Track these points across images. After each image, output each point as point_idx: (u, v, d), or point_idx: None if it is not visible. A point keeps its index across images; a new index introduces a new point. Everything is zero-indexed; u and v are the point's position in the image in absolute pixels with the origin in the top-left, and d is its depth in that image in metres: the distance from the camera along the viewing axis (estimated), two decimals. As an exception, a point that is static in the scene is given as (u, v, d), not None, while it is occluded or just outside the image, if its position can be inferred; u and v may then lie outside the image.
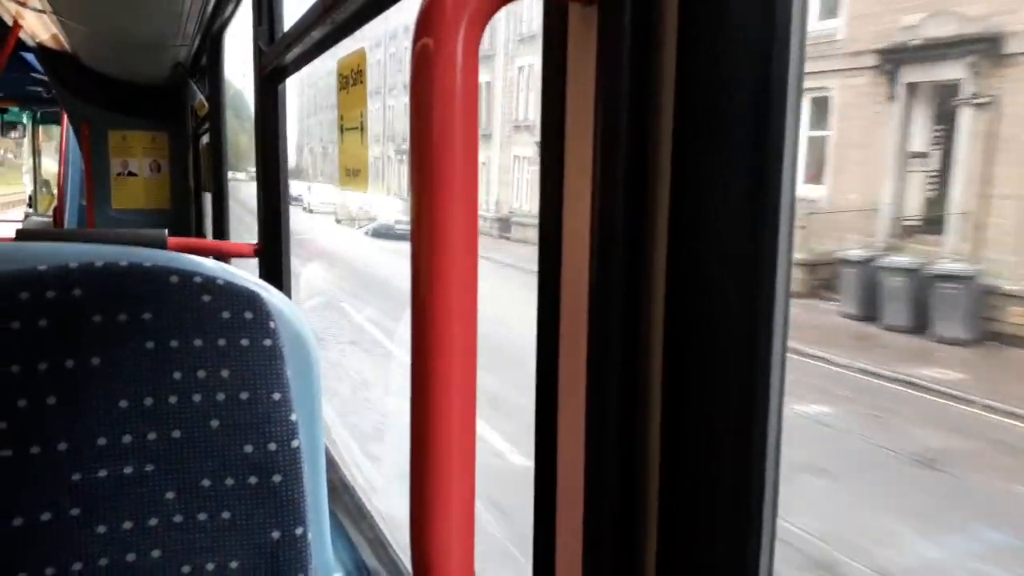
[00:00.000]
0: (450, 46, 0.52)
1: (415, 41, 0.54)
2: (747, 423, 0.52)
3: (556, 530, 0.66)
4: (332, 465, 1.68)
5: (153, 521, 1.07)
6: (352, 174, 1.49)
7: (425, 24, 0.53)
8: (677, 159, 0.53)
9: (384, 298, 14.28)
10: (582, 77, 0.61)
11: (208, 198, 3.72)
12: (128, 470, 1.06)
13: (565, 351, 0.65)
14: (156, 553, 1.07)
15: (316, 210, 29.14)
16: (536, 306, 0.68)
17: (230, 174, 3.39)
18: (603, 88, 0.57)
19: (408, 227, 0.56)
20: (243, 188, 5.72)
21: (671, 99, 0.53)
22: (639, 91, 0.55)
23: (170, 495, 1.08)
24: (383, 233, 23.27)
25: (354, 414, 8.46)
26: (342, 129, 1.52)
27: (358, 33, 1.40)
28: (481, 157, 0.58)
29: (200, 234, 4.31)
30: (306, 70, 1.88)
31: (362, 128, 1.44)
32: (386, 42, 31.23)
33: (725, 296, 0.52)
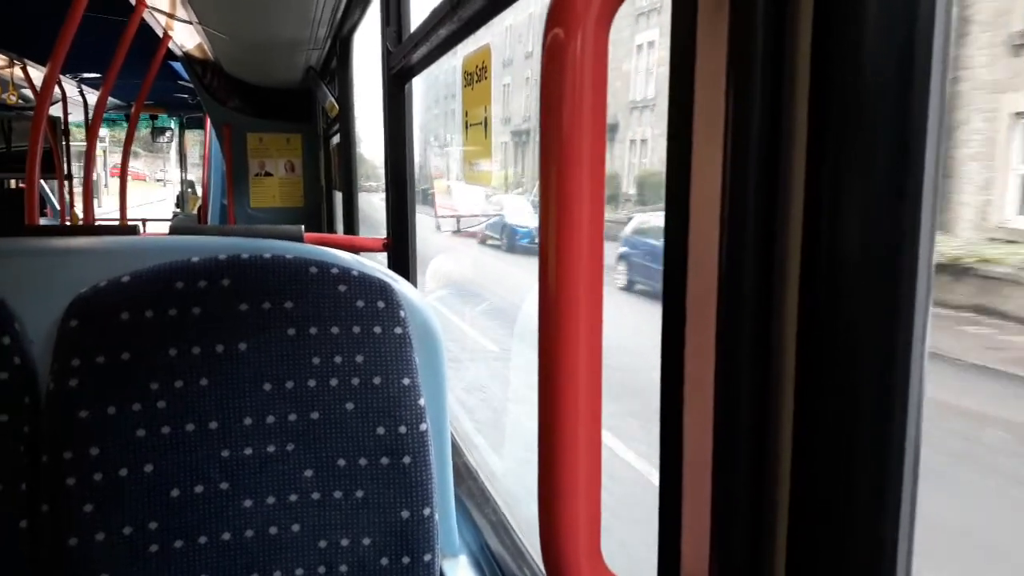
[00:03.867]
0: (581, 35, 0.53)
1: (546, 31, 0.55)
2: (885, 433, 0.51)
3: (682, 535, 0.65)
4: (456, 450, 1.73)
5: (293, 497, 1.13)
6: (476, 167, 1.53)
7: (556, 13, 0.54)
8: (812, 151, 0.51)
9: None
10: (711, 67, 0.59)
11: (339, 196, 3.88)
12: (271, 448, 1.13)
13: (691, 351, 0.63)
14: (296, 528, 1.13)
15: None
16: (661, 304, 0.67)
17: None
18: (734, 73, 0.56)
19: None
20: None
21: (806, 86, 0.52)
22: (771, 82, 0.54)
23: (308, 473, 1.14)
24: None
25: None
26: (466, 125, 1.56)
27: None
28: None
29: (331, 231, 4.50)
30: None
31: (486, 124, 1.47)
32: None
33: (863, 297, 0.50)
